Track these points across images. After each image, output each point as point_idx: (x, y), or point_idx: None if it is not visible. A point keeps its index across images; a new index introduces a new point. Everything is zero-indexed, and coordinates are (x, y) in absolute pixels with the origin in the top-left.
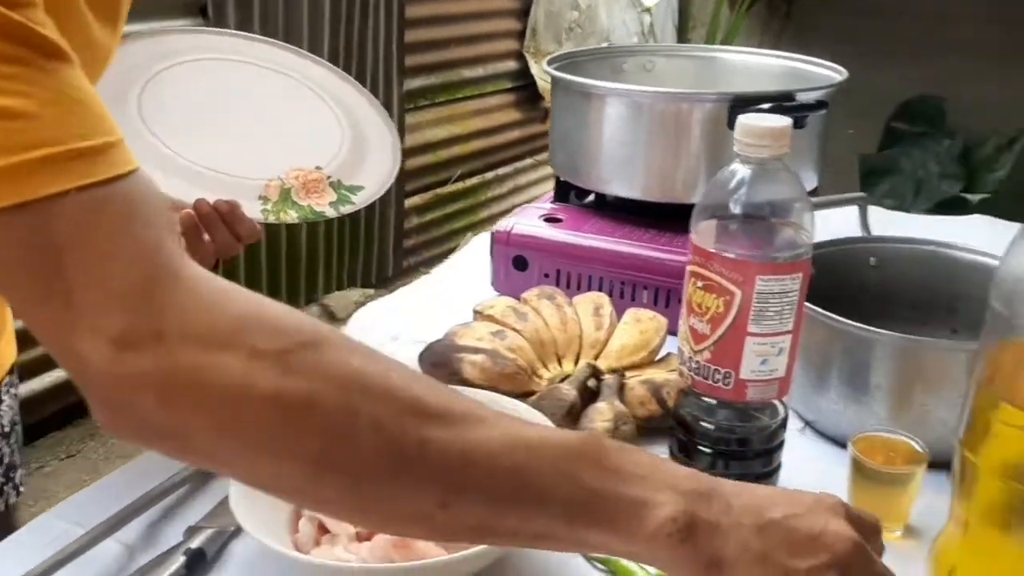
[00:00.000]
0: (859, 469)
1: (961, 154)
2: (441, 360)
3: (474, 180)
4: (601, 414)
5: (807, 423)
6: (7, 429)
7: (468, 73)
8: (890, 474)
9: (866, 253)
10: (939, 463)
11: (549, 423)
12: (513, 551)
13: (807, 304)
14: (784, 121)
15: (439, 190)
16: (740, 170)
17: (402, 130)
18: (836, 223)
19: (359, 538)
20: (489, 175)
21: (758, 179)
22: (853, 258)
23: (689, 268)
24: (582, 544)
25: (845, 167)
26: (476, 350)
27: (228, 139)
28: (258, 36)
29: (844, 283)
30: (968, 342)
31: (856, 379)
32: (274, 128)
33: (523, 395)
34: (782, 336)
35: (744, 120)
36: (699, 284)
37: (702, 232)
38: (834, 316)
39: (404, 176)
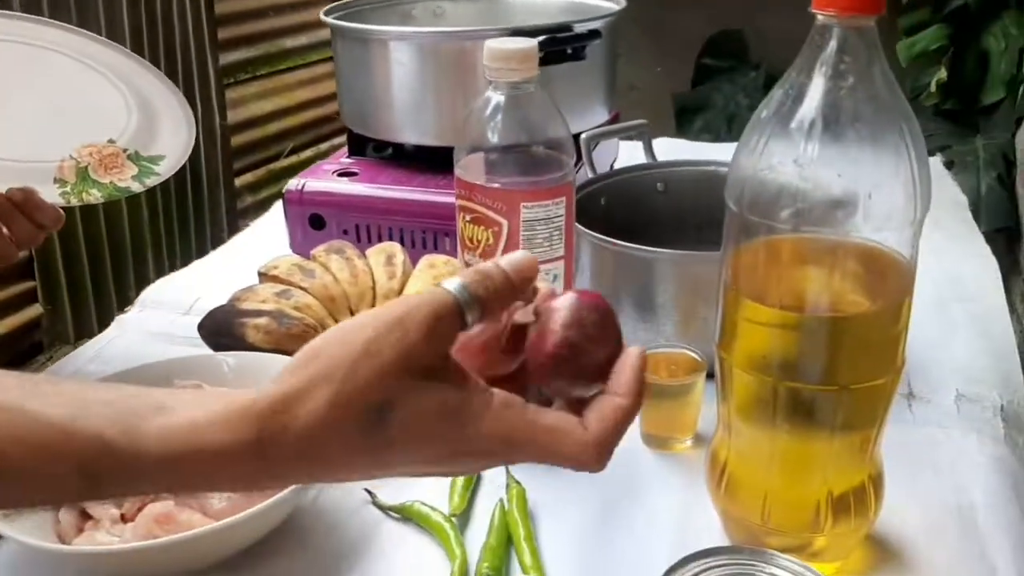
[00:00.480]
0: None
1: (765, 84)
2: (222, 328)
3: (308, 153)
4: None
5: None
6: None
7: (291, 43)
8: (671, 386)
9: (653, 180)
10: None
11: None
12: (298, 515)
13: (589, 232)
14: (529, 43)
15: (272, 166)
16: (494, 97)
17: (223, 106)
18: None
19: (123, 519)
20: (324, 146)
21: (512, 105)
22: (642, 186)
23: (457, 203)
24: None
25: (663, 108)
26: (259, 312)
27: (9, 124)
28: (27, 15)
29: (636, 211)
30: None
31: (643, 301)
32: (57, 108)
33: None
34: (554, 262)
35: (490, 44)
36: (468, 218)
37: (466, 165)
38: (616, 241)
39: (232, 154)
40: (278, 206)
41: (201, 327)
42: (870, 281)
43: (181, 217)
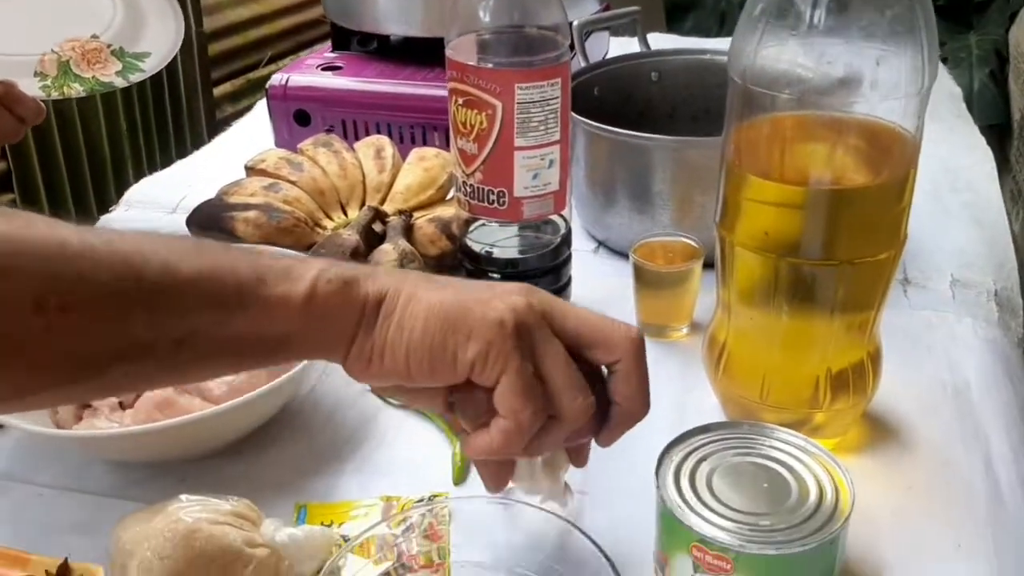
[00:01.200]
0: (640, 274)
1: None
2: (211, 222)
3: (287, 60)
4: (386, 255)
5: (600, 243)
6: None
7: None
8: (669, 273)
9: (647, 69)
10: None
11: None
12: (296, 404)
13: (584, 120)
14: None
15: (250, 75)
16: None
17: (199, 12)
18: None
19: (121, 407)
20: (303, 54)
21: None
22: (636, 74)
23: (449, 86)
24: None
25: (654, 7)
26: (248, 206)
27: None
28: None
29: (630, 101)
30: None
31: (639, 189)
32: (40, 2)
33: (306, 248)
34: (550, 147)
35: None
36: (460, 101)
37: (457, 47)
38: (611, 128)
39: (210, 63)
40: (261, 105)
41: (189, 222)
42: (874, 156)
43: (160, 126)
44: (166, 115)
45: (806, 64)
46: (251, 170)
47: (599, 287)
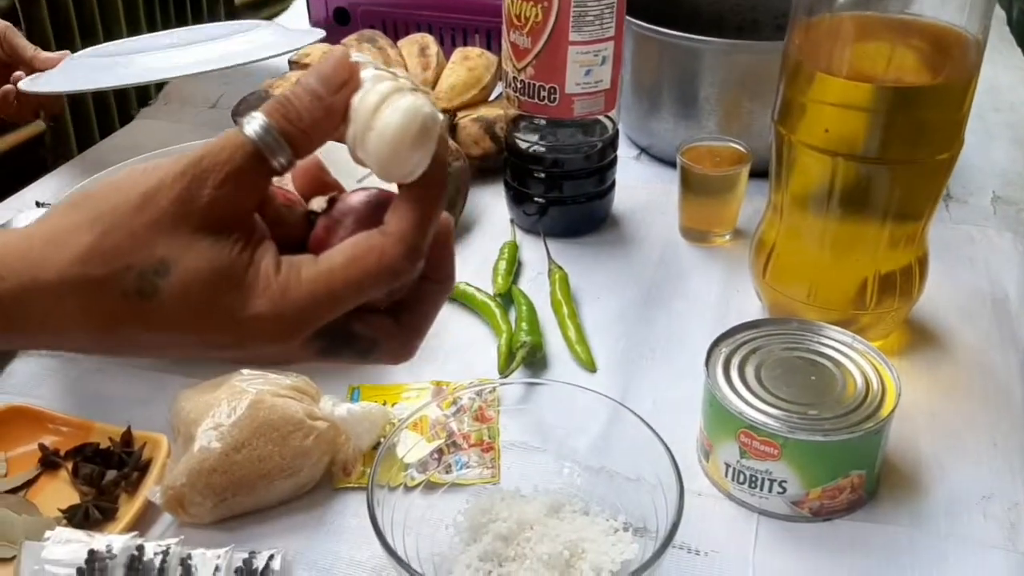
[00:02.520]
0: (687, 177)
1: None
2: None
3: None
4: None
5: (642, 149)
6: None
7: None
8: (717, 177)
9: None
10: (763, 171)
11: None
12: None
13: (632, 20)
14: None
15: None
16: None
17: None
18: None
19: None
20: None
21: None
22: None
23: None
24: None
25: None
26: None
27: None
28: None
29: (676, 7)
30: None
31: (686, 94)
32: None
33: None
34: (604, 43)
35: None
36: None
37: None
38: (662, 29)
39: None
40: (298, 3)
41: (235, 113)
42: (937, 57)
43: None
44: (186, 10)
45: None
46: (295, 64)
47: (641, 192)
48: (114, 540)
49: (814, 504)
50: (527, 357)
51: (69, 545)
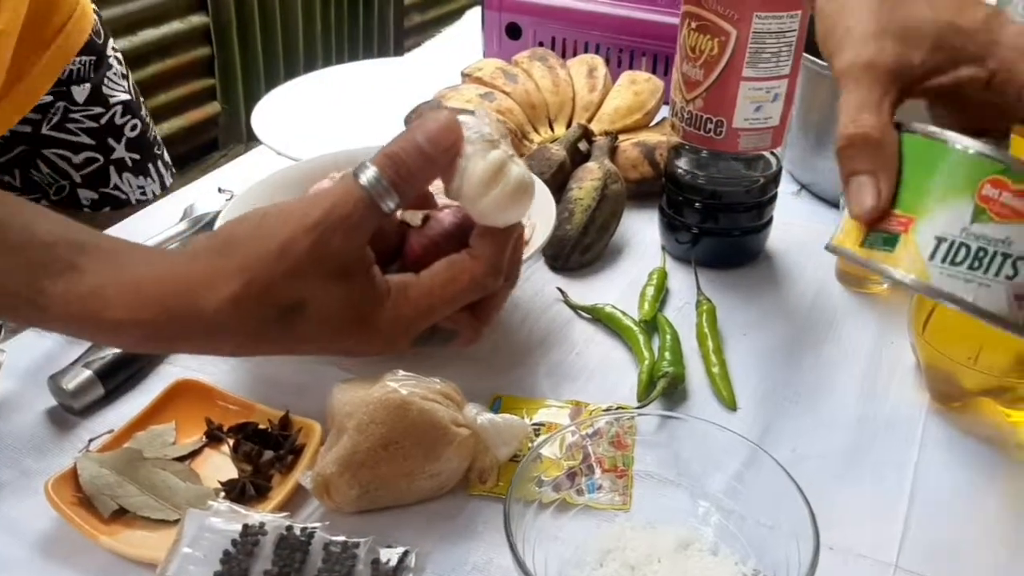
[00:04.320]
0: None
1: None
2: None
3: None
4: (590, 173)
5: (803, 186)
6: None
7: None
8: None
9: None
10: None
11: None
12: None
13: (808, 57)
14: None
15: None
16: None
17: None
18: None
19: None
20: None
21: None
22: None
23: (683, 9)
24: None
25: None
26: (463, 112)
27: None
28: None
29: None
30: None
31: None
32: None
33: None
34: (778, 81)
35: None
36: (693, 25)
37: None
38: None
39: None
40: (470, 14)
41: (408, 120)
42: None
43: (352, 36)
44: (359, 21)
45: None
46: (468, 77)
47: (799, 230)
48: (266, 518)
49: None
50: (667, 388)
51: (227, 516)
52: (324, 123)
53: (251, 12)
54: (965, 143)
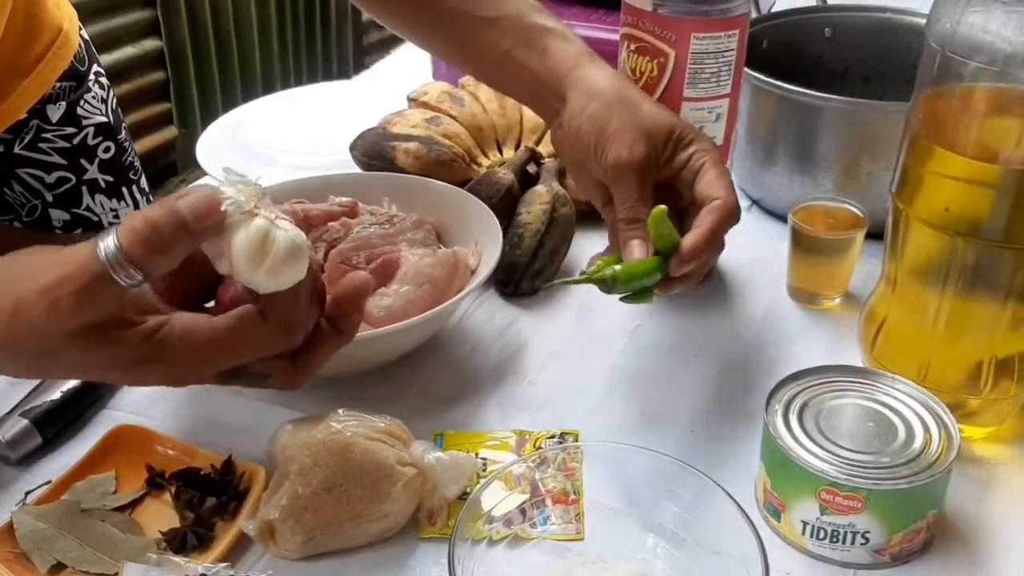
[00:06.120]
0: (798, 238)
1: None
2: (373, 149)
3: None
4: (539, 196)
5: (754, 201)
6: None
7: None
8: (829, 240)
9: (821, 24)
10: (880, 233)
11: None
12: (443, 335)
13: (752, 72)
14: None
15: None
16: None
17: None
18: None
19: None
20: None
21: None
22: (808, 29)
23: (622, 31)
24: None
25: None
26: (409, 137)
27: None
28: None
29: (799, 57)
30: None
31: (802, 149)
32: None
33: (461, 183)
34: (719, 100)
35: None
36: (632, 47)
37: None
38: (780, 83)
39: None
40: None
41: (353, 148)
42: None
43: (310, 55)
44: (316, 41)
45: (1010, 36)
46: (414, 101)
47: (750, 246)
48: (209, 569)
49: (895, 550)
50: (600, 281)
51: (167, 568)
52: (270, 150)
53: (205, 35)
54: (801, 456)
